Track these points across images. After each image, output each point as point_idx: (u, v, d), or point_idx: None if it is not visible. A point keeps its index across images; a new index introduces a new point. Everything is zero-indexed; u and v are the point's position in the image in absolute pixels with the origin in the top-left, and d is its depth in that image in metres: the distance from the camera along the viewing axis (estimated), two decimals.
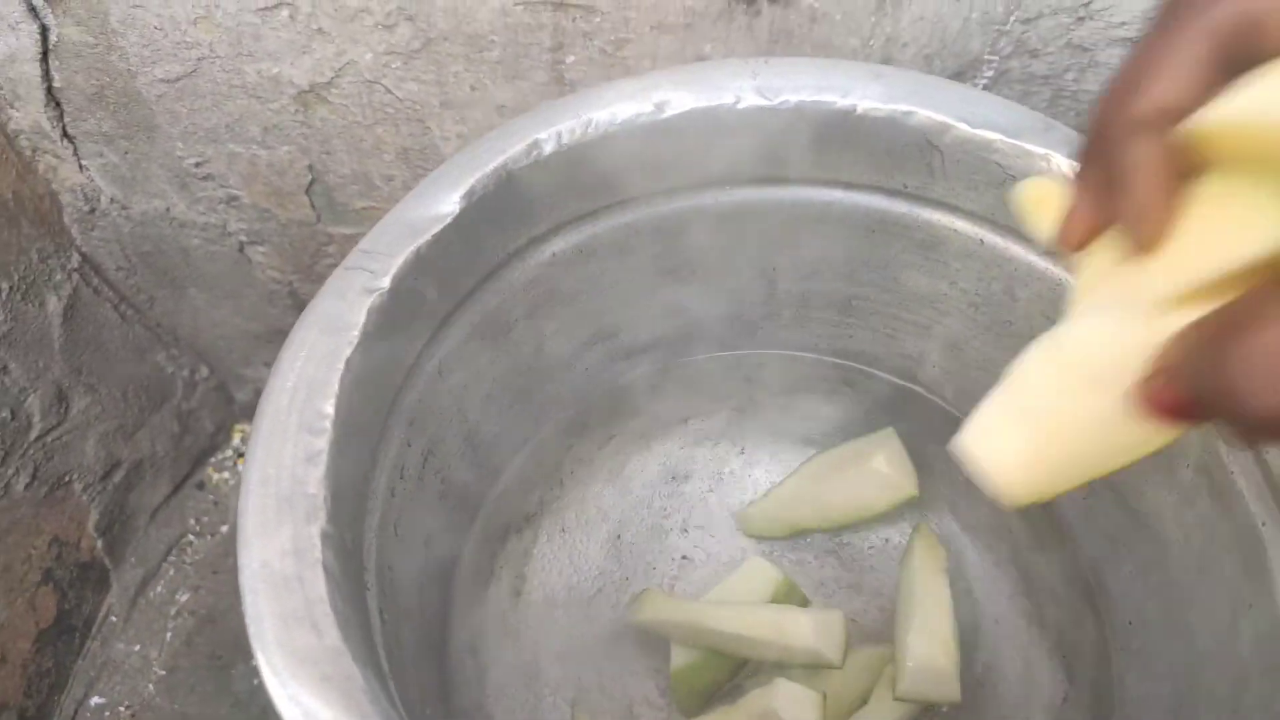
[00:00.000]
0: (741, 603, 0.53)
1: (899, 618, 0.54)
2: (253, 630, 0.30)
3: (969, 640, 0.54)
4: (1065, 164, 0.46)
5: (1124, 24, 0.55)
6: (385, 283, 0.39)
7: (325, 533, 0.32)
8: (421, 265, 0.41)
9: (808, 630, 0.50)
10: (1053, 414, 0.29)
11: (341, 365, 0.36)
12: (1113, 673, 0.51)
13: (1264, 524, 0.42)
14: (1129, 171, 0.28)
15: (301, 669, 0.29)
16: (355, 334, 0.37)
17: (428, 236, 0.41)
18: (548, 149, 0.45)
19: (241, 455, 0.88)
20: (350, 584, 0.34)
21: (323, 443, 0.34)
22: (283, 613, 0.30)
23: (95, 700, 0.73)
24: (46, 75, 0.61)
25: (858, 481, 0.57)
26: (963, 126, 0.47)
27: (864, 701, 0.53)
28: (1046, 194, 0.33)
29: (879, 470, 0.57)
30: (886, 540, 0.60)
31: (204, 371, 0.83)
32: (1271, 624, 0.40)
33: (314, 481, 0.33)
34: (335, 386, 0.36)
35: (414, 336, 0.43)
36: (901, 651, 0.52)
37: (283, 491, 0.33)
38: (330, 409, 0.35)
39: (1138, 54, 0.29)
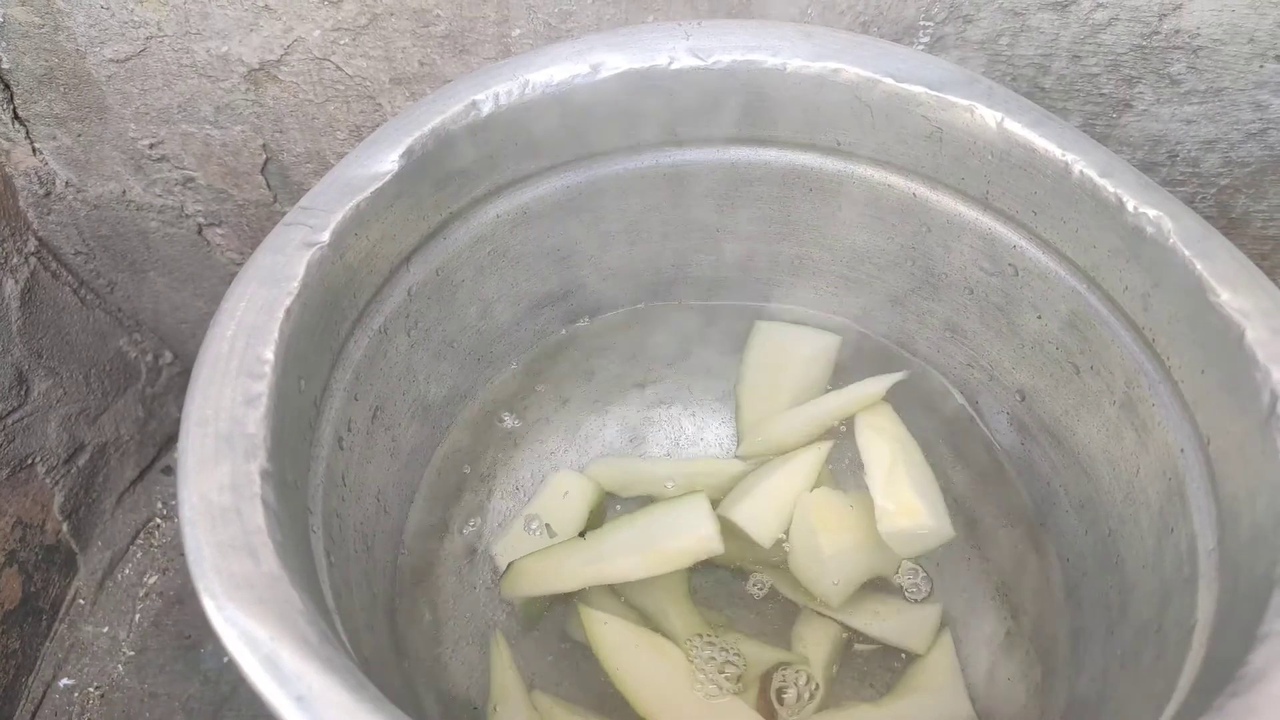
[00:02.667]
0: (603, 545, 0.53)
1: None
2: (191, 560, 0.31)
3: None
4: (989, 114, 0.47)
5: None
6: (325, 237, 0.40)
7: (265, 470, 0.33)
8: (361, 222, 0.42)
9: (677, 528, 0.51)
10: None
11: (281, 314, 0.37)
12: (1053, 607, 0.53)
13: (1182, 450, 0.43)
14: None
15: (238, 593, 0.30)
16: (295, 285, 0.38)
17: (367, 193, 0.42)
18: (485, 109, 0.46)
19: None
20: (293, 523, 0.35)
21: (262, 386, 0.35)
22: (219, 542, 0.31)
23: (64, 682, 0.73)
24: None
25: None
26: (889, 81, 0.48)
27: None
28: None
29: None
30: None
31: (168, 356, 0.83)
32: (1189, 541, 0.41)
33: (253, 422, 0.34)
34: (275, 334, 0.37)
35: (356, 292, 0.44)
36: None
37: (221, 431, 0.34)
38: (270, 354, 0.36)
39: None
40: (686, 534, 0.52)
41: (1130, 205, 0.43)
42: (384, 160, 0.43)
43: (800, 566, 0.54)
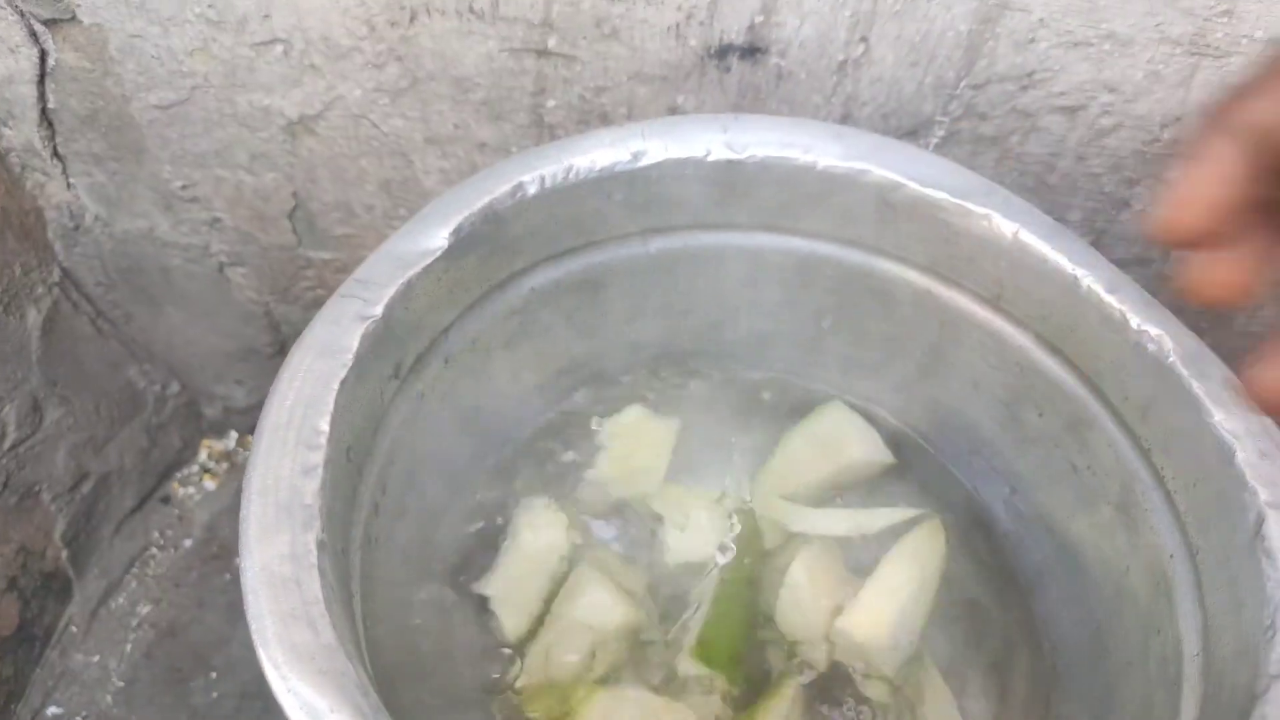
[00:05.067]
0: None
1: None
2: (254, 628, 0.32)
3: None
4: (1004, 224, 0.50)
5: (1064, 93, 0.60)
6: (378, 310, 0.42)
7: (321, 541, 0.35)
8: (411, 295, 0.44)
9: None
10: None
11: (336, 386, 0.39)
12: (1040, 694, 0.55)
13: (1171, 556, 0.46)
14: (1195, 159, 0.33)
15: (299, 664, 0.31)
16: (349, 357, 0.40)
17: (418, 268, 0.44)
18: (531, 190, 0.48)
19: (208, 471, 0.89)
20: (341, 590, 0.37)
21: (318, 458, 0.37)
22: (281, 612, 0.32)
23: (52, 710, 0.73)
24: (42, 97, 0.63)
25: None
26: (913, 185, 0.51)
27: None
28: None
29: None
30: None
31: (174, 387, 0.84)
32: (1175, 644, 0.44)
33: (310, 493, 0.36)
34: (330, 405, 0.38)
35: (400, 362, 0.46)
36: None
37: (281, 501, 0.35)
38: (325, 426, 0.38)
39: (1253, 76, 0.34)
40: None
41: (1134, 322, 0.46)
42: (435, 236, 0.45)
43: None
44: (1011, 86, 0.60)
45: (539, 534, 0.55)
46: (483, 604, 0.55)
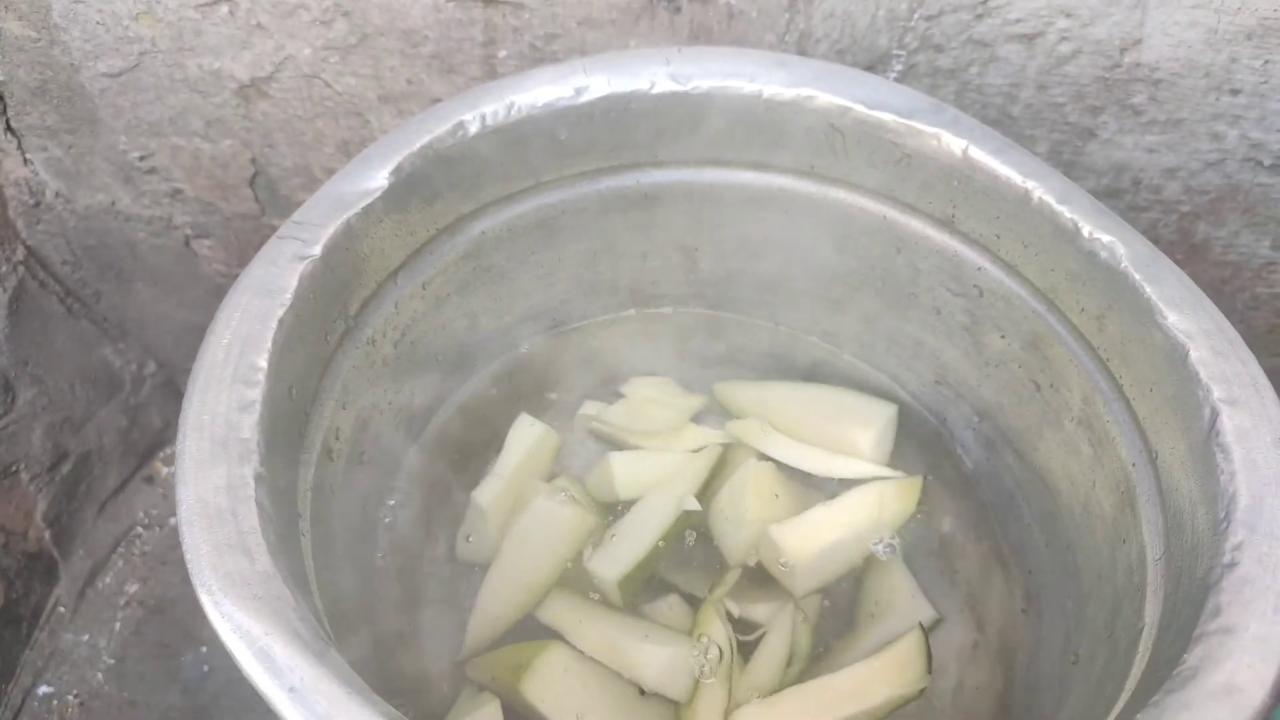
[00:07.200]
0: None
1: None
2: (189, 558, 0.32)
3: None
4: (954, 141, 0.49)
5: (1019, 20, 0.59)
6: (316, 250, 0.42)
7: (258, 474, 0.35)
8: (351, 236, 0.44)
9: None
10: None
11: (274, 324, 0.39)
12: (1016, 618, 0.55)
13: (1134, 465, 0.46)
14: None
15: (234, 590, 0.31)
16: (288, 296, 0.40)
17: (357, 209, 0.44)
18: (472, 129, 0.48)
19: None
20: (285, 526, 0.36)
21: (256, 393, 0.37)
22: (216, 541, 0.32)
23: (43, 689, 0.74)
24: None
25: None
26: (860, 108, 0.50)
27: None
28: None
29: None
30: None
31: (152, 366, 0.84)
32: (1139, 551, 0.44)
33: (247, 427, 0.36)
34: (268, 343, 0.38)
35: (345, 305, 0.45)
36: None
37: (217, 435, 0.35)
38: (263, 363, 0.37)
39: None
40: None
41: (1085, 231, 0.46)
42: (374, 177, 0.45)
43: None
44: (966, 15, 0.60)
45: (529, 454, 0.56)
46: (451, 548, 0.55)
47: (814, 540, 0.54)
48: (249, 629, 0.30)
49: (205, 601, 0.31)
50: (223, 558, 0.32)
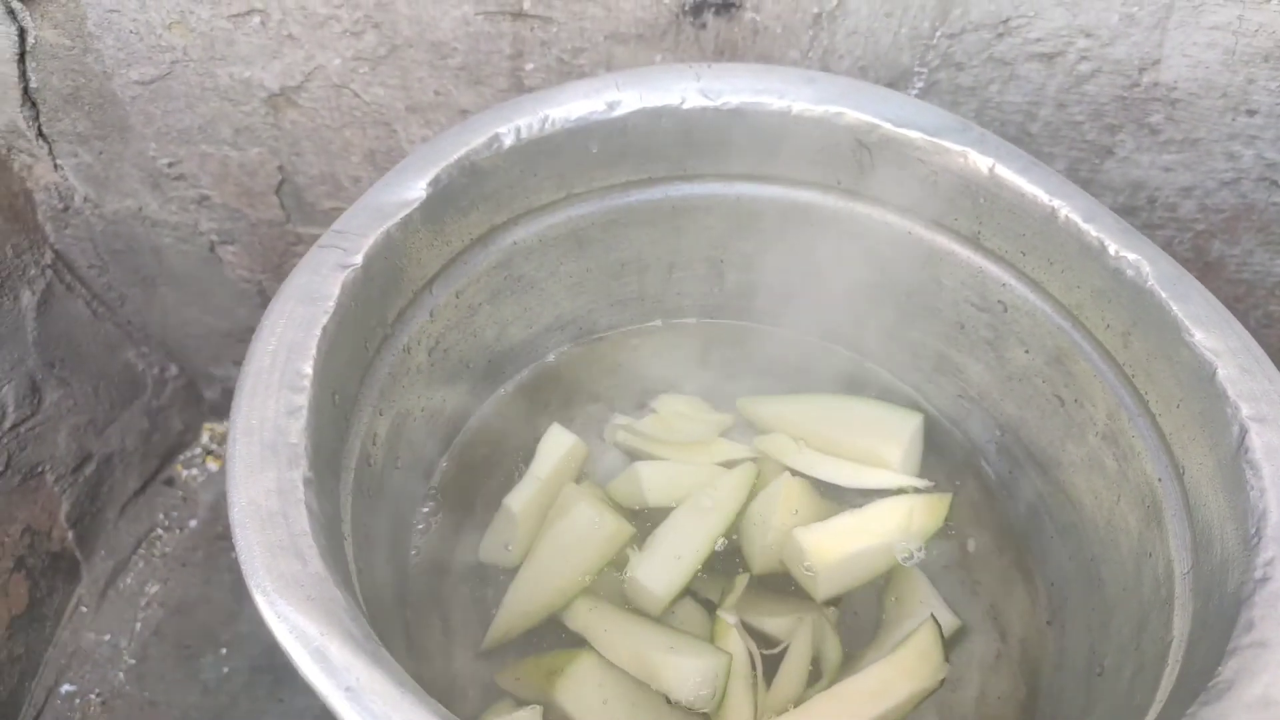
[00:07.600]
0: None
1: None
2: (243, 559, 0.33)
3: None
4: (980, 160, 0.50)
5: (1040, 39, 0.60)
6: (358, 259, 0.42)
7: (307, 478, 0.35)
8: (391, 245, 0.45)
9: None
10: None
11: (319, 331, 0.39)
12: (1039, 629, 0.55)
13: (1159, 480, 0.46)
14: None
15: (288, 591, 0.32)
16: (331, 304, 0.41)
17: (397, 219, 0.45)
18: (507, 142, 0.49)
19: (210, 453, 0.90)
20: (330, 529, 0.37)
21: (302, 399, 0.37)
22: (269, 543, 0.33)
23: (66, 688, 0.74)
24: (23, 76, 0.63)
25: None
26: (887, 125, 0.51)
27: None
28: None
29: None
30: None
31: (173, 370, 0.85)
32: (1166, 565, 0.44)
33: (295, 432, 0.36)
34: (313, 350, 0.39)
35: (384, 313, 0.46)
36: None
37: (266, 440, 0.36)
38: (309, 369, 0.38)
39: None
40: None
41: (1112, 249, 0.46)
42: (413, 188, 0.46)
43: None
44: (987, 34, 0.60)
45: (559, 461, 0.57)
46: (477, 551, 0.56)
47: (839, 546, 0.55)
48: (305, 630, 0.31)
49: (260, 602, 0.32)
50: (276, 559, 0.32)
